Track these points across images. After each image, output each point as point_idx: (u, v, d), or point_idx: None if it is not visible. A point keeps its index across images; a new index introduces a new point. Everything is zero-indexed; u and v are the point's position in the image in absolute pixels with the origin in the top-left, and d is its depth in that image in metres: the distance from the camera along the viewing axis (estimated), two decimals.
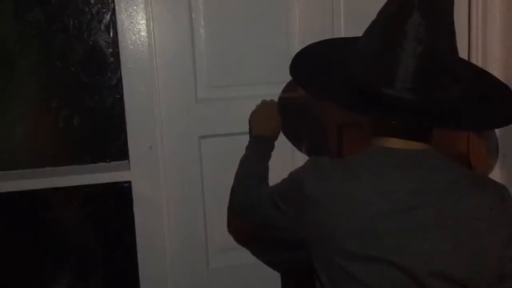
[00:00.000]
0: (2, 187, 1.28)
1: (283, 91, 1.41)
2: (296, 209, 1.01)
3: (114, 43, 1.29)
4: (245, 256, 1.44)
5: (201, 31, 1.34)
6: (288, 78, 1.34)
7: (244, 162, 1.29)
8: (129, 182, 1.32)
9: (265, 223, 1.13)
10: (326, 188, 0.96)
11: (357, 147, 1.04)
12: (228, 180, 1.29)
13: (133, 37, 1.29)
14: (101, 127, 1.34)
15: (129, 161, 1.32)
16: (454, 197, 0.90)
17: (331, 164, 1.00)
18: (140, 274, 1.35)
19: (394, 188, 0.91)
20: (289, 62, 1.12)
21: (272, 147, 1.32)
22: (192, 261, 1.40)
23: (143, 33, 1.29)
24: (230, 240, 1.43)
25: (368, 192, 0.92)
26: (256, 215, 1.15)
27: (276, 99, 1.40)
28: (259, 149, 1.29)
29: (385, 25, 0.93)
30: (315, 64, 1.10)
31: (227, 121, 1.38)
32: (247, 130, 1.38)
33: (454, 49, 0.94)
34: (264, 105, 1.35)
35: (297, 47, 1.28)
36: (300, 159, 1.41)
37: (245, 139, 1.34)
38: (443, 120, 0.92)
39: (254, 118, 1.34)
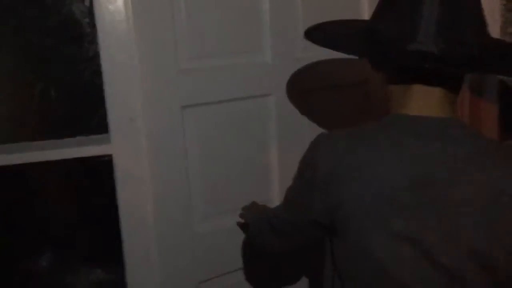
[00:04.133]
0: None
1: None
2: (310, 196, 0.94)
3: (91, 12, 1.26)
4: (229, 220, 1.46)
5: None
6: (268, 46, 1.44)
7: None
8: (110, 156, 1.30)
9: (289, 234, 1.11)
10: (339, 161, 0.89)
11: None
12: (211, 147, 1.31)
13: (110, 6, 1.25)
14: (80, 100, 1.32)
15: (109, 134, 1.30)
16: (478, 169, 0.84)
17: (344, 135, 0.93)
18: (124, 247, 1.33)
19: (415, 160, 0.85)
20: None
21: None
22: (177, 231, 1.39)
23: (120, 2, 1.24)
24: (214, 206, 1.44)
25: (386, 164, 0.86)
26: (278, 235, 1.14)
27: (255, 67, 1.41)
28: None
29: None
30: (332, 29, 1.05)
31: (209, 90, 1.37)
32: (229, 98, 1.39)
33: (477, 7, 0.89)
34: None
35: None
36: None
37: (227, 106, 1.37)
38: (467, 65, 0.88)
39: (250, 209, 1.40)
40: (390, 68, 0.94)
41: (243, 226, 1.45)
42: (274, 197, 1.54)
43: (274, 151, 1.53)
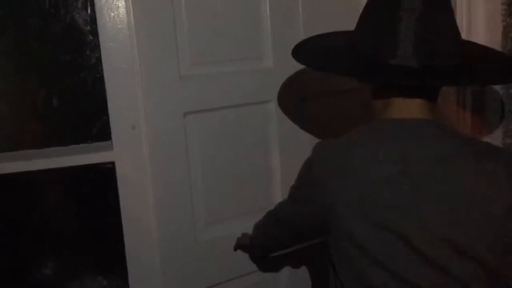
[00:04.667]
0: None
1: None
2: (308, 195, 1.03)
3: (92, 20, 1.26)
4: (230, 227, 1.46)
5: (182, 5, 1.32)
6: (269, 53, 1.45)
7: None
8: (112, 163, 1.30)
9: (291, 229, 1.18)
10: (331, 164, 0.98)
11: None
12: (212, 154, 1.33)
13: (112, 14, 1.25)
14: (82, 108, 1.31)
15: (112, 142, 1.30)
16: (455, 165, 0.90)
17: (334, 142, 1.02)
18: (127, 254, 1.33)
19: (391, 159, 0.92)
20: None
21: None
22: (180, 238, 1.38)
23: (122, 10, 1.25)
24: (216, 213, 1.44)
25: (367, 163, 0.93)
26: (280, 227, 1.21)
27: (256, 73, 1.44)
28: None
29: (380, 3, 0.97)
30: (318, 47, 1.13)
31: (211, 97, 1.38)
32: (230, 104, 1.41)
33: (451, 20, 0.95)
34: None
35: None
36: None
37: (228, 113, 1.40)
38: (443, 79, 0.94)
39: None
40: (373, 82, 1.03)
41: (243, 247, 1.46)
42: (276, 203, 1.52)
43: (275, 157, 1.53)
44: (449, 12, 0.96)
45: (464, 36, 1.38)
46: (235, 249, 1.46)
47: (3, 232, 1.31)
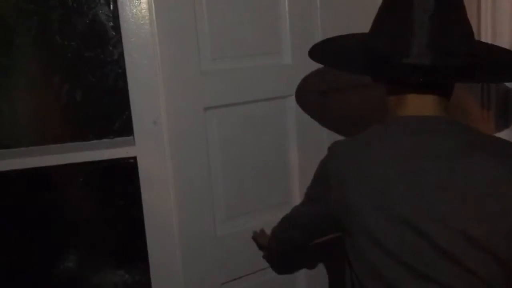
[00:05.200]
0: (6, 165, 1.26)
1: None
2: (324, 192, 1.06)
3: (115, 16, 1.27)
4: (249, 222, 1.48)
5: (203, 1, 1.33)
6: (288, 48, 1.47)
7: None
8: (134, 158, 1.31)
9: (307, 227, 1.21)
10: (345, 163, 1.01)
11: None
12: (232, 149, 1.37)
13: (134, 10, 1.26)
14: (104, 103, 1.32)
15: (133, 137, 1.31)
16: (467, 159, 0.91)
17: (349, 140, 1.06)
18: (148, 249, 1.34)
19: (405, 154, 0.95)
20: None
21: None
22: (200, 232, 1.40)
23: (144, 5, 1.26)
24: (235, 208, 1.46)
25: (382, 159, 0.96)
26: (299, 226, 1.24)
27: (275, 68, 1.46)
28: None
29: (394, 4, 0.99)
30: (335, 47, 1.16)
31: (230, 92, 1.40)
32: (249, 99, 1.43)
33: (464, 19, 0.97)
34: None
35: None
36: None
37: (248, 108, 1.42)
38: (456, 76, 0.97)
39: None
40: (387, 81, 1.05)
41: (260, 247, 1.48)
42: (294, 198, 1.55)
43: (293, 152, 1.54)
44: (462, 11, 0.98)
45: (488, 39, 1.39)
46: (253, 239, 1.48)
47: (28, 226, 1.33)
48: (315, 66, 1.49)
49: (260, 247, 1.48)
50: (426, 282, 0.90)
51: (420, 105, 0.99)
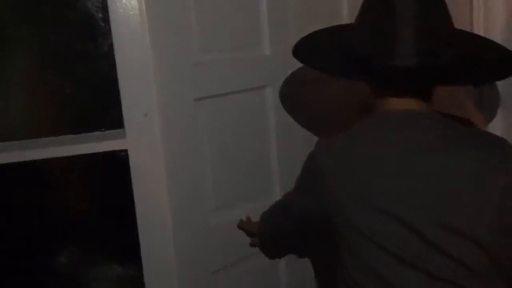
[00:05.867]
0: None
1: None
2: (314, 185, 1.07)
3: (104, 7, 1.25)
4: (237, 210, 1.50)
5: None
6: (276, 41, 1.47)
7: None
8: (125, 151, 1.30)
9: (298, 219, 1.21)
10: (333, 156, 1.04)
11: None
12: (219, 139, 1.40)
13: (124, 1, 1.25)
14: (95, 95, 1.31)
15: (124, 129, 1.30)
16: (451, 152, 0.93)
17: (336, 136, 1.07)
18: (141, 241, 1.34)
19: (390, 149, 0.96)
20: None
21: None
22: (192, 223, 1.39)
23: None
24: (223, 198, 1.47)
25: (365, 153, 0.98)
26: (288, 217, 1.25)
27: (262, 60, 1.48)
28: None
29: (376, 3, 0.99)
30: (317, 46, 1.16)
31: (219, 82, 1.40)
32: (238, 89, 1.44)
33: (446, 16, 0.98)
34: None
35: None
36: None
37: (232, 98, 1.43)
38: (440, 79, 0.98)
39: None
40: (370, 82, 1.06)
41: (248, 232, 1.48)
42: (274, 188, 1.57)
43: (273, 142, 1.56)
44: (445, 10, 0.97)
45: (482, 32, 1.38)
46: (239, 227, 1.48)
47: (18, 220, 1.32)
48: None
49: (249, 234, 1.48)
50: (414, 271, 0.92)
51: (403, 102, 1.00)
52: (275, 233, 1.39)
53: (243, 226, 1.47)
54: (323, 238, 1.38)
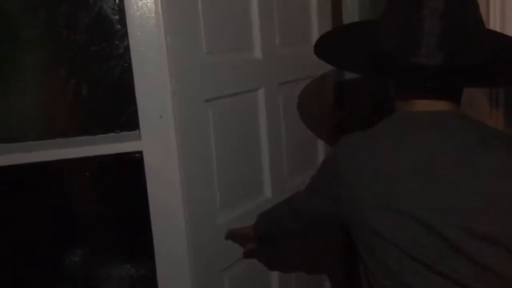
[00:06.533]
0: (12, 160, 1.26)
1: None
2: (333, 185, 1.04)
3: (121, 9, 1.26)
4: (241, 208, 1.55)
5: None
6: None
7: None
8: (140, 152, 1.31)
9: (311, 219, 1.20)
10: (354, 157, 1.00)
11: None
12: (224, 139, 1.45)
13: (139, 3, 1.25)
14: (111, 97, 1.32)
15: (139, 131, 1.31)
16: (478, 154, 0.91)
17: (359, 135, 1.04)
18: (154, 242, 1.35)
19: (417, 149, 0.94)
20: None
21: None
22: (203, 222, 1.41)
23: None
24: (229, 197, 1.50)
25: (392, 154, 0.95)
26: (302, 217, 1.22)
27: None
28: None
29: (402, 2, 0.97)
30: (339, 42, 1.13)
31: (227, 83, 1.45)
32: (244, 89, 1.52)
33: (476, 15, 0.95)
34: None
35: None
36: None
37: (235, 99, 1.49)
38: (468, 80, 0.95)
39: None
40: (394, 81, 1.03)
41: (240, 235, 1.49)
42: (266, 188, 1.64)
43: (264, 141, 1.62)
44: (475, 6, 0.95)
45: (497, 28, 1.38)
46: (226, 239, 1.48)
47: (34, 220, 1.33)
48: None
49: (245, 238, 1.47)
50: (440, 278, 0.90)
51: (429, 103, 0.98)
52: (277, 233, 1.38)
53: (236, 231, 1.46)
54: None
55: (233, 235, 1.47)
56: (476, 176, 0.90)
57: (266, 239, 1.43)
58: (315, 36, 1.78)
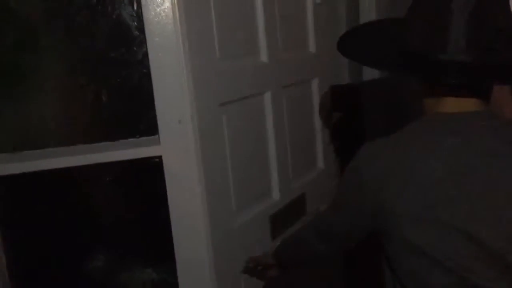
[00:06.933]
0: (33, 166, 1.27)
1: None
2: (358, 200, 1.00)
3: (139, 16, 1.27)
4: (252, 210, 1.56)
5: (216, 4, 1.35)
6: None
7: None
8: (159, 157, 1.32)
9: (339, 235, 1.15)
10: (382, 164, 0.95)
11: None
12: (236, 142, 1.46)
13: (157, 9, 1.26)
14: (130, 103, 1.33)
15: (159, 136, 1.32)
16: None
17: (383, 141, 0.98)
18: (175, 247, 1.36)
19: (450, 153, 0.89)
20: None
21: None
22: (222, 225, 1.42)
23: (167, 5, 1.26)
24: (242, 200, 1.51)
25: (424, 159, 0.90)
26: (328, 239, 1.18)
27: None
28: None
29: None
30: (364, 39, 1.09)
31: (240, 87, 1.48)
32: (255, 92, 1.54)
33: (506, 13, 0.91)
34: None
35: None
36: None
37: (249, 102, 1.52)
38: (498, 77, 0.91)
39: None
40: (422, 80, 0.99)
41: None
42: (273, 190, 1.66)
43: (272, 144, 1.64)
44: (505, 2, 0.91)
45: None
46: (246, 268, 1.48)
47: (56, 226, 1.34)
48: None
49: (267, 266, 1.45)
50: None
51: (460, 102, 0.94)
52: (304, 256, 1.33)
53: (258, 259, 1.44)
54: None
55: (255, 263, 1.46)
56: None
57: (290, 265, 1.40)
58: (311, 42, 1.83)
